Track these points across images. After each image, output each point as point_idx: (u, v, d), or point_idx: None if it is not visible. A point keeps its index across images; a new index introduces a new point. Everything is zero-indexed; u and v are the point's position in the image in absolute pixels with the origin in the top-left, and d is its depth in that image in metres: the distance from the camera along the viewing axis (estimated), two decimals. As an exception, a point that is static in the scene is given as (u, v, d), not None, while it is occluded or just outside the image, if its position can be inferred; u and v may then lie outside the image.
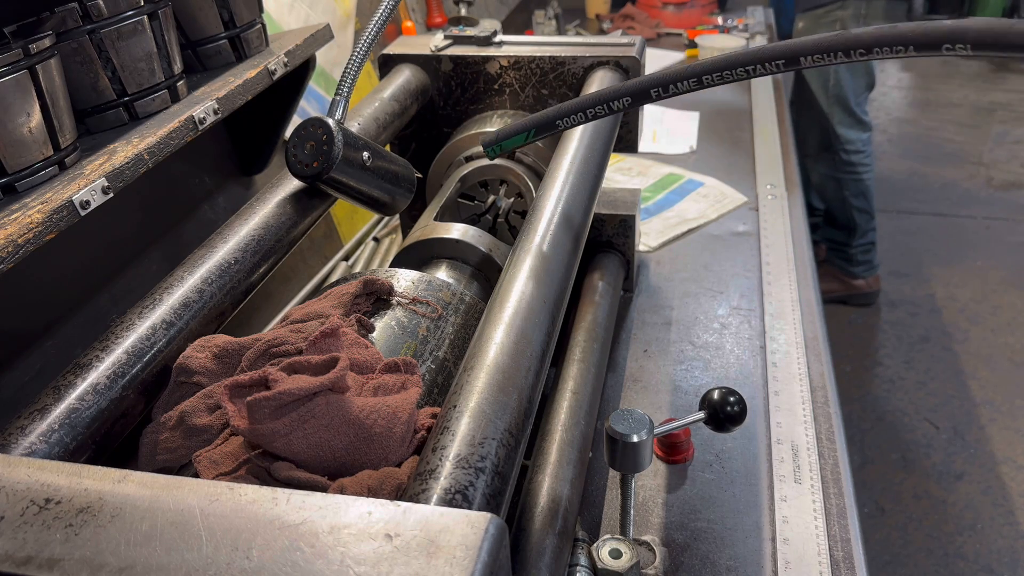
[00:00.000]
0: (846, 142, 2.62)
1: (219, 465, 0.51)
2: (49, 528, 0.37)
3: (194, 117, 0.81)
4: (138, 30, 0.79)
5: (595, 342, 0.95)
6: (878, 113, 4.47)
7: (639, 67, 1.04)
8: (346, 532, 0.36)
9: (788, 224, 1.39)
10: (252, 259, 0.71)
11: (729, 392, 0.77)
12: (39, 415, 0.53)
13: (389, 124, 0.97)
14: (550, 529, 0.67)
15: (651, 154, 1.75)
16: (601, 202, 1.15)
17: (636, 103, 0.67)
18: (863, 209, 2.73)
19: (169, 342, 0.62)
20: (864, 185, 2.69)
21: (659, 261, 1.31)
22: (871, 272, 2.87)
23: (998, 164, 3.89)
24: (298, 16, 1.40)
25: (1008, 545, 2.03)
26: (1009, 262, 3.12)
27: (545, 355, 0.59)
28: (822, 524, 0.80)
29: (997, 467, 2.25)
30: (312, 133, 0.74)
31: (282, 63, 0.96)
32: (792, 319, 1.12)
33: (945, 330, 2.80)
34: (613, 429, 0.68)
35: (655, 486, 0.88)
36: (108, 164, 0.72)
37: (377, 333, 0.68)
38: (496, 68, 1.08)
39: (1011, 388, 2.52)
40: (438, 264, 0.89)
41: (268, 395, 0.50)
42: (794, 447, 0.90)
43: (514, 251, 0.67)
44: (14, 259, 0.61)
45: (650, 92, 0.65)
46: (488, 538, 0.35)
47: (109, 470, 0.40)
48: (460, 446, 0.47)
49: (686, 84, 0.62)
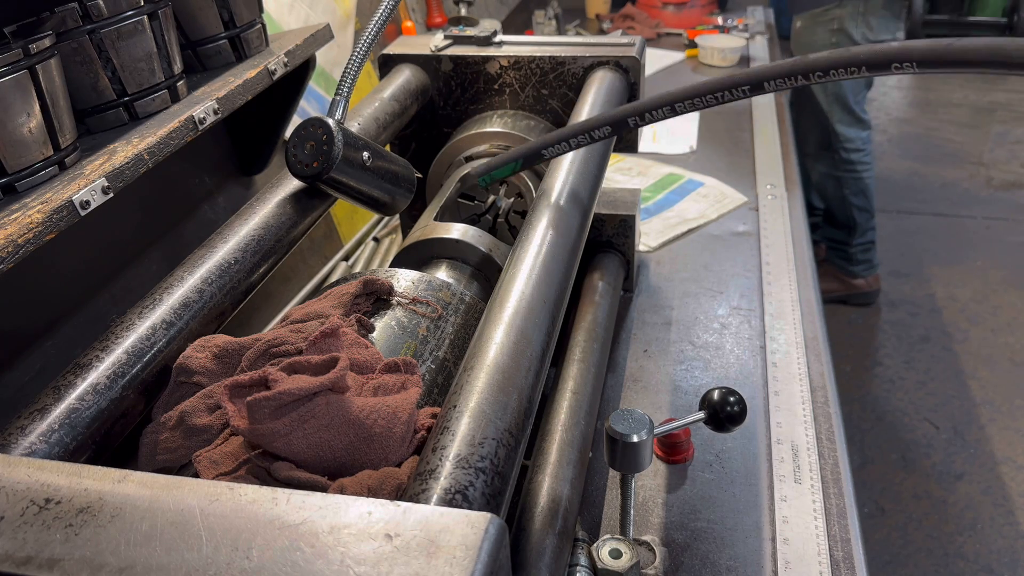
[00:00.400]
0: (846, 140, 2.62)
1: (219, 465, 0.51)
2: (49, 528, 0.37)
3: (194, 117, 0.81)
4: (138, 30, 0.79)
5: (595, 342, 0.95)
6: (878, 113, 4.47)
7: (639, 67, 1.04)
8: (346, 532, 0.36)
9: (788, 224, 1.39)
10: (252, 259, 0.71)
11: (729, 392, 0.77)
12: (39, 415, 0.53)
13: (389, 124, 0.97)
14: (550, 529, 0.67)
15: (651, 154, 1.75)
16: (601, 202, 1.15)
17: (615, 132, 0.73)
18: (863, 208, 2.73)
19: (169, 342, 0.62)
20: (864, 184, 2.69)
21: (659, 261, 1.31)
22: (871, 271, 2.87)
23: (998, 164, 3.89)
24: (298, 16, 1.40)
25: (1008, 545, 2.03)
26: (1009, 262, 3.12)
27: (545, 355, 0.59)
28: (822, 524, 0.80)
29: (997, 467, 2.25)
30: (312, 133, 0.74)
31: (282, 63, 0.96)
32: (792, 319, 1.12)
33: (945, 330, 2.80)
34: (613, 429, 0.68)
35: (655, 486, 0.88)
36: (108, 164, 0.72)
37: (377, 333, 0.68)
38: (496, 68, 1.08)
39: (1011, 388, 2.52)
40: (438, 264, 0.89)
41: (268, 395, 0.50)
42: (794, 447, 0.90)
43: (514, 251, 0.67)
44: (14, 259, 0.61)
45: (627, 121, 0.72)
46: (488, 538, 0.35)
47: (109, 470, 0.40)
48: (460, 446, 0.47)
49: (661, 112, 0.70)
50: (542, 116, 1.10)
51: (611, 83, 1.01)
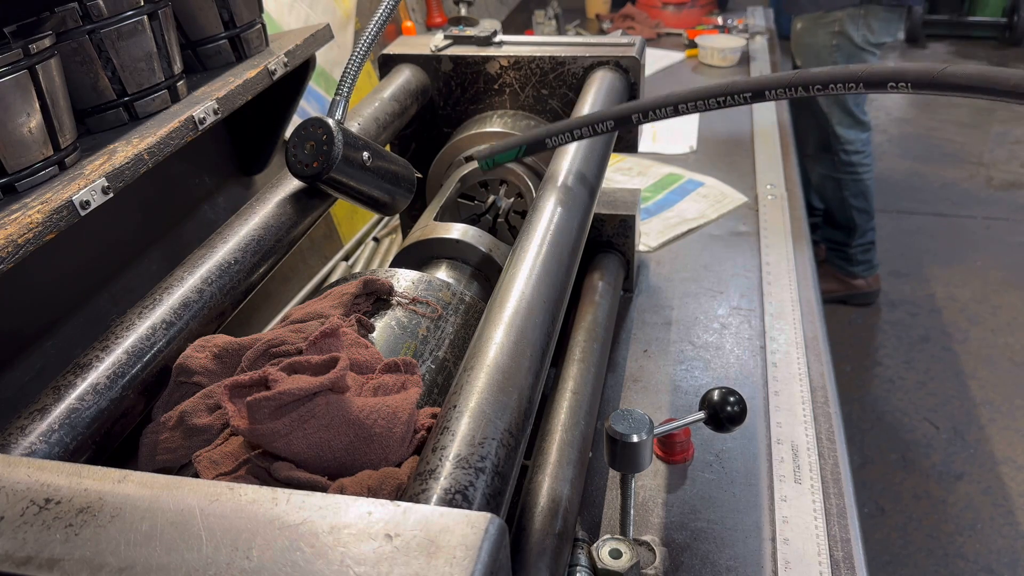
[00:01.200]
0: (845, 142, 2.62)
1: (219, 465, 0.51)
2: (49, 528, 0.37)
3: (194, 117, 0.81)
4: (138, 30, 0.79)
5: (595, 342, 0.95)
6: (878, 113, 4.47)
7: (639, 67, 1.04)
8: (346, 532, 0.36)
9: (788, 224, 1.39)
10: (252, 259, 0.71)
11: (729, 392, 0.77)
12: (39, 415, 0.53)
13: (389, 124, 0.97)
14: (550, 529, 0.67)
15: (651, 154, 1.75)
16: (601, 202, 1.15)
17: (618, 127, 0.76)
18: (862, 209, 2.73)
19: (169, 342, 0.62)
20: (864, 185, 2.69)
21: (659, 261, 1.31)
22: (871, 272, 2.87)
23: (998, 164, 3.89)
24: (298, 16, 1.40)
25: (1008, 545, 2.03)
26: (1009, 262, 3.12)
27: (545, 355, 0.59)
28: (822, 524, 0.80)
29: (997, 467, 2.25)
30: (312, 133, 0.74)
31: (282, 63, 0.96)
32: (792, 319, 1.12)
33: (945, 330, 2.80)
34: (613, 429, 0.68)
35: (655, 486, 0.88)
36: (108, 164, 0.72)
37: (377, 333, 0.68)
38: (496, 68, 1.08)
39: (1011, 388, 2.52)
40: (438, 264, 0.89)
41: (268, 395, 0.50)
42: (794, 447, 0.90)
43: (514, 251, 0.67)
44: (14, 259, 0.61)
45: (631, 117, 0.74)
46: (488, 538, 0.35)
47: (109, 470, 0.40)
48: (460, 446, 0.47)
49: (664, 111, 0.72)
50: (542, 116, 1.10)
51: (611, 83, 1.01)
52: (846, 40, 2.44)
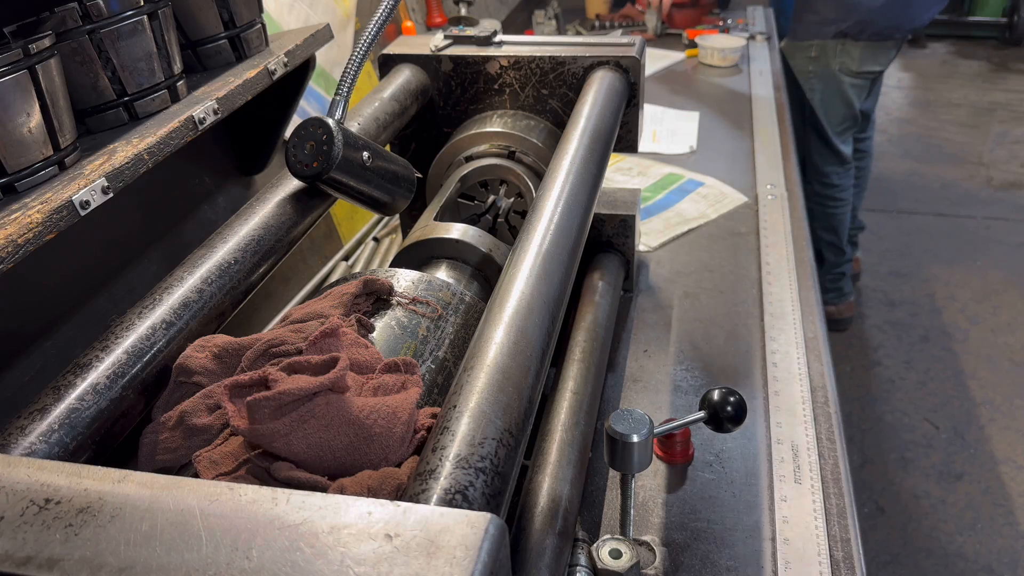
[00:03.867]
0: (820, 175, 2.52)
1: (219, 465, 0.51)
2: (49, 528, 0.37)
3: (194, 117, 0.81)
4: (138, 30, 0.79)
5: (595, 342, 0.95)
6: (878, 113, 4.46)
7: (639, 67, 1.04)
8: (346, 532, 0.36)
9: (788, 224, 1.39)
10: (252, 259, 0.71)
11: (729, 392, 0.77)
12: (39, 415, 0.53)
13: (389, 124, 0.97)
14: (550, 529, 0.67)
15: (651, 154, 1.75)
16: (601, 202, 1.15)
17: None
18: (832, 243, 2.63)
19: (169, 342, 0.62)
20: (836, 219, 2.58)
21: (659, 261, 1.31)
22: (842, 300, 2.77)
23: (998, 164, 3.89)
24: (298, 16, 1.40)
25: (1008, 545, 2.03)
26: (1009, 262, 3.12)
27: (545, 355, 0.59)
28: (822, 524, 0.80)
29: (997, 467, 2.25)
30: (312, 133, 0.74)
31: (282, 63, 0.96)
32: (792, 319, 1.12)
33: (945, 330, 2.80)
34: (613, 429, 0.68)
35: (655, 486, 0.88)
36: (108, 164, 0.72)
37: (377, 333, 0.68)
38: (496, 68, 1.08)
39: (1011, 388, 2.52)
40: (438, 264, 0.89)
41: (268, 395, 0.50)
42: (794, 447, 0.90)
43: (514, 251, 0.67)
44: (14, 259, 0.61)
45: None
46: (488, 538, 0.35)
47: (109, 470, 0.40)
48: (460, 446, 0.47)
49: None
50: (542, 116, 1.10)
51: (611, 83, 1.01)
52: (822, 67, 2.38)
